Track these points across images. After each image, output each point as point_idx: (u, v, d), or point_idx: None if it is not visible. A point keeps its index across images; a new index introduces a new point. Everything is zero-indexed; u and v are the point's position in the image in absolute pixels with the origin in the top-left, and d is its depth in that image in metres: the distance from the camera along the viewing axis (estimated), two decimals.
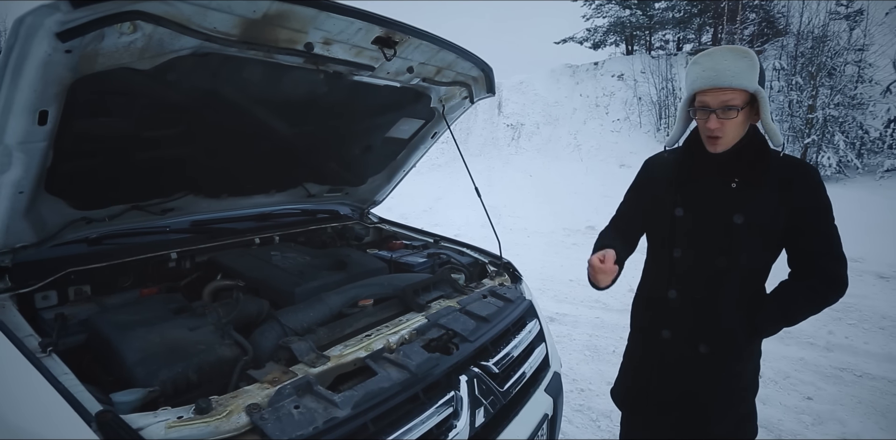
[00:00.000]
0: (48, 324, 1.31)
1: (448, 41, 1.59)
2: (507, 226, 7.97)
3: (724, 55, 1.20)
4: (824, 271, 1.27)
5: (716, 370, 1.35)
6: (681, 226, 1.36)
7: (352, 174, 2.34)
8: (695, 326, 1.36)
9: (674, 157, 1.43)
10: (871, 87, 9.10)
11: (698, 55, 1.26)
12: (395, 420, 1.03)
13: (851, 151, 8.70)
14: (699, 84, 1.22)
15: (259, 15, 1.14)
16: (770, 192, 1.26)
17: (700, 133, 1.33)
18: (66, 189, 1.37)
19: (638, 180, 1.55)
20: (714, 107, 1.22)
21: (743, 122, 1.25)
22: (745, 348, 1.35)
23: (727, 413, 1.38)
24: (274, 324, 1.34)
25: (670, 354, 1.41)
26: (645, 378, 1.49)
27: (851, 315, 3.92)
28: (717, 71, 1.19)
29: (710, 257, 1.31)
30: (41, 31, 0.89)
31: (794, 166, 1.28)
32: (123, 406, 0.96)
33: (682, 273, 1.37)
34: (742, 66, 1.18)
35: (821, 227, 1.26)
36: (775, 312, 1.30)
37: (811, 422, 2.49)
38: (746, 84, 1.18)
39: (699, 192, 1.34)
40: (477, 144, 13.51)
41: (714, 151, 1.29)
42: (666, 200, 1.39)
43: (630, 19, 14.52)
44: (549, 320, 3.91)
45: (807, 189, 1.25)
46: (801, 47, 9.92)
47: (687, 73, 1.29)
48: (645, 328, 1.50)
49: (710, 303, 1.33)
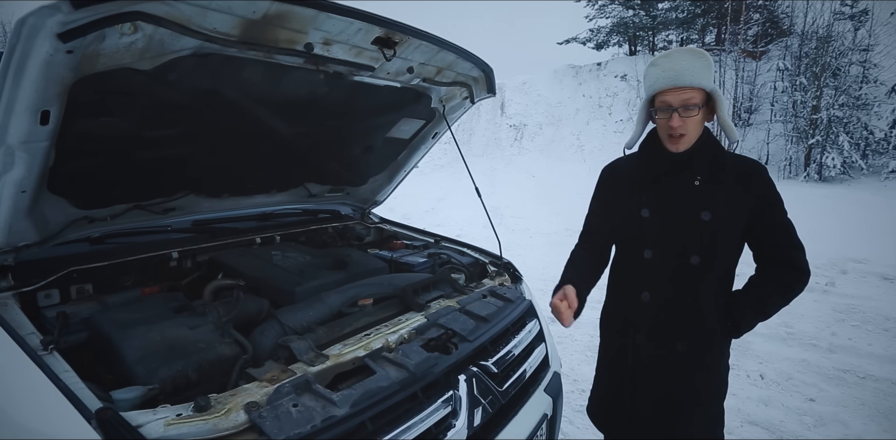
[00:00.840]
0: (50, 323, 1.32)
1: (448, 41, 1.59)
2: (510, 227, 7.97)
3: (682, 56, 1.24)
4: (790, 262, 1.32)
5: (692, 368, 1.36)
6: (648, 226, 1.37)
7: (353, 174, 2.35)
8: (671, 326, 1.37)
9: (633, 160, 1.45)
10: (876, 88, 9.05)
11: (656, 58, 1.30)
12: (394, 419, 1.03)
13: (856, 152, 8.66)
14: (661, 84, 1.26)
15: (259, 15, 1.14)
16: (730, 189, 1.30)
17: (660, 133, 1.35)
18: (68, 188, 1.38)
19: (599, 189, 1.56)
20: (676, 105, 1.26)
21: (701, 120, 1.30)
22: (721, 346, 1.39)
23: (700, 412, 1.39)
24: (274, 323, 1.35)
25: (645, 356, 1.41)
26: (618, 384, 1.49)
27: (855, 316, 3.90)
28: (676, 71, 1.23)
29: (683, 256, 1.33)
30: (43, 31, 0.89)
31: (748, 163, 1.34)
32: (123, 403, 0.97)
33: (655, 274, 1.38)
34: (699, 65, 1.23)
35: (780, 220, 1.32)
36: (753, 308, 1.34)
37: (813, 423, 2.48)
38: (705, 83, 1.24)
39: (663, 192, 1.36)
40: (480, 145, 13.52)
41: (676, 150, 1.32)
42: (630, 203, 1.41)
43: (633, 20, 14.50)
44: (550, 321, 3.89)
45: (764, 184, 1.31)
46: (806, 47, 9.89)
47: (646, 75, 1.31)
48: (618, 332, 1.50)
49: (687, 303, 1.34)
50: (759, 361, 3.17)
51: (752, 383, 2.91)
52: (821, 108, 9.01)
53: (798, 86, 9.54)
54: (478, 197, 1.98)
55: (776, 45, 11.61)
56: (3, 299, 1.22)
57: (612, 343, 1.55)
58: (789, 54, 10.29)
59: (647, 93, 1.31)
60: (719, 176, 1.30)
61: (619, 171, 1.51)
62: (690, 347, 1.35)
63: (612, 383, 1.52)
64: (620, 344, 1.48)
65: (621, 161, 1.52)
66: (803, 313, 3.99)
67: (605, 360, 1.59)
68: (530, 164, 11.82)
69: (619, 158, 1.54)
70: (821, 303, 4.22)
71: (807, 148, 9.08)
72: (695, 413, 1.38)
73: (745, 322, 1.35)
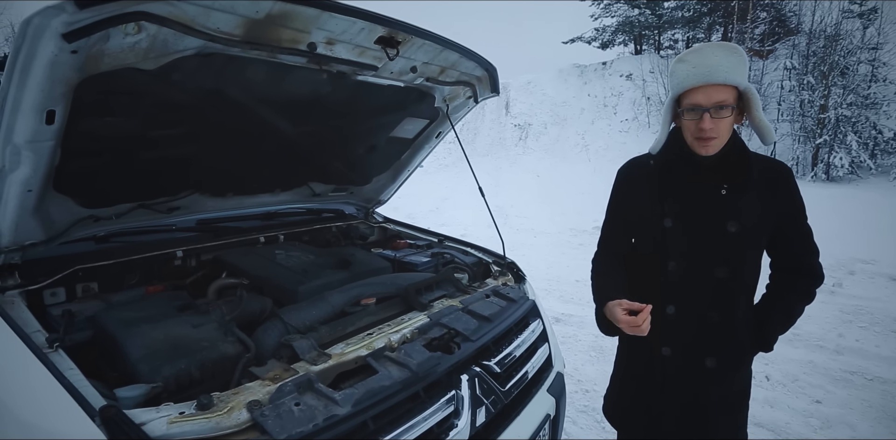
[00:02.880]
0: (56, 321, 1.33)
1: (451, 41, 1.59)
2: (514, 227, 7.96)
3: (714, 51, 1.14)
4: (811, 270, 1.30)
5: (721, 382, 1.31)
6: (672, 237, 1.28)
7: (356, 173, 2.35)
8: (699, 341, 1.30)
9: (653, 162, 1.34)
10: (885, 87, 8.96)
11: (684, 53, 1.19)
12: (396, 418, 1.03)
13: (864, 152, 8.58)
14: (690, 82, 1.15)
15: (262, 15, 1.15)
16: (755, 196, 1.23)
17: (686, 135, 1.24)
18: (73, 187, 1.39)
19: (617, 194, 1.44)
20: (707, 106, 1.15)
21: (733, 121, 1.20)
22: (749, 358, 1.36)
23: (727, 421, 1.35)
24: (277, 321, 1.35)
25: (672, 370, 1.34)
26: (640, 389, 1.42)
27: (862, 318, 3.87)
28: (708, 67, 1.13)
29: (708, 268, 1.26)
30: (48, 31, 0.90)
31: (774, 167, 1.27)
32: (127, 401, 0.97)
33: (679, 287, 1.29)
34: (733, 61, 1.14)
35: (802, 228, 1.28)
36: (781, 323, 1.32)
37: (820, 425, 2.46)
38: (739, 80, 1.14)
39: (688, 201, 1.27)
40: (484, 144, 13.51)
41: (706, 153, 1.22)
42: (652, 211, 1.31)
43: (639, 19, 14.43)
44: (554, 321, 3.90)
45: (789, 190, 1.26)
46: (814, 46, 9.80)
47: (672, 72, 1.20)
48: (641, 342, 1.39)
49: (716, 317, 1.27)
50: (765, 362, 3.14)
51: (757, 384, 2.89)
52: (829, 108, 8.94)
53: (806, 85, 9.46)
54: (482, 197, 1.98)
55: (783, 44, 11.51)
56: (10, 297, 1.23)
57: (633, 350, 1.46)
58: (797, 53, 10.20)
59: (674, 91, 1.20)
60: (747, 183, 1.22)
61: (637, 173, 1.39)
62: (719, 363, 1.29)
63: (633, 386, 1.46)
64: (644, 353, 1.40)
65: (639, 161, 1.40)
66: (810, 314, 3.93)
67: (625, 364, 1.51)
68: (535, 164, 11.80)
69: (636, 158, 1.42)
70: (828, 304, 4.18)
71: (814, 147, 9.01)
72: (721, 420, 1.34)
73: (774, 337, 1.32)
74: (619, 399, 1.51)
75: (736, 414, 1.37)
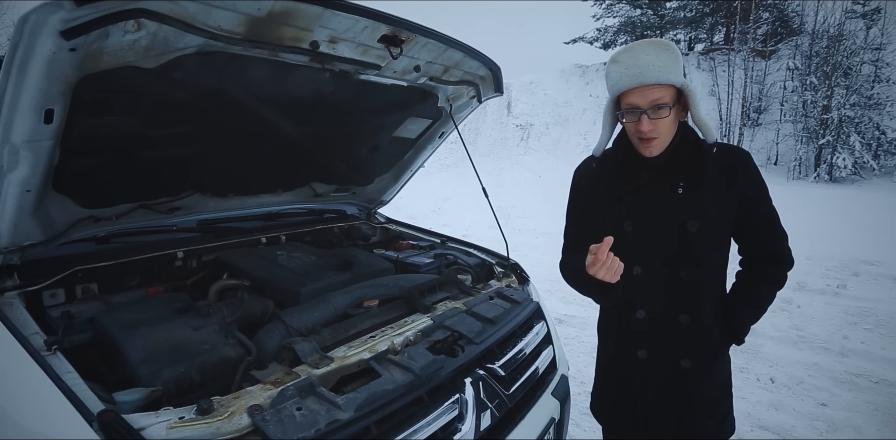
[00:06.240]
0: (55, 322, 1.32)
1: (455, 40, 1.57)
2: (516, 227, 7.94)
3: (646, 50, 1.11)
4: (778, 256, 1.28)
5: (700, 381, 1.31)
6: (633, 241, 1.25)
7: (359, 174, 2.33)
8: (672, 343, 1.29)
9: (604, 166, 1.32)
10: (889, 87, 8.94)
11: (616, 53, 1.17)
12: (399, 422, 1.01)
13: (868, 152, 8.56)
14: (624, 83, 1.13)
15: (264, 13, 1.13)
16: (715, 190, 1.22)
17: (630, 136, 1.23)
18: (73, 187, 1.37)
19: (576, 196, 1.42)
20: (643, 107, 1.13)
21: (674, 119, 1.18)
22: (725, 351, 1.36)
23: (708, 415, 1.35)
24: (278, 324, 1.34)
25: (650, 372, 1.33)
26: (620, 388, 1.42)
27: (868, 320, 3.84)
28: (640, 67, 1.10)
29: (673, 271, 1.24)
30: (45, 29, 0.88)
31: (730, 152, 1.25)
32: (126, 405, 0.96)
33: (646, 291, 1.28)
34: (665, 59, 1.10)
35: (766, 214, 1.27)
36: (750, 315, 1.31)
37: (825, 428, 2.43)
38: (673, 78, 1.11)
39: (645, 203, 1.25)
40: (486, 144, 13.50)
41: (649, 155, 1.20)
42: (612, 215, 1.29)
43: (641, 19, 14.43)
44: (557, 322, 3.88)
45: (748, 176, 1.24)
46: (816, 46, 9.79)
47: (607, 73, 1.18)
48: (616, 344, 1.41)
49: (686, 319, 1.26)
50: (770, 365, 3.12)
51: (762, 387, 2.87)
52: (831, 108, 8.91)
53: (808, 85, 9.44)
54: (485, 197, 1.96)
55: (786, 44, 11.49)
56: (9, 299, 1.22)
57: (610, 352, 1.47)
58: (799, 53, 10.19)
59: (611, 93, 1.19)
60: (703, 178, 1.20)
61: (592, 174, 1.37)
62: (695, 363, 1.29)
63: (615, 387, 1.47)
64: (621, 355, 1.41)
65: (593, 162, 1.37)
66: (814, 316, 3.93)
67: (605, 364, 1.52)
68: (537, 164, 11.78)
69: (589, 158, 1.39)
70: (832, 305, 4.16)
71: (817, 148, 8.98)
72: (705, 414, 1.35)
73: (745, 329, 1.31)
74: (602, 401, 1.52)
75: (719, 406, 1.37)
